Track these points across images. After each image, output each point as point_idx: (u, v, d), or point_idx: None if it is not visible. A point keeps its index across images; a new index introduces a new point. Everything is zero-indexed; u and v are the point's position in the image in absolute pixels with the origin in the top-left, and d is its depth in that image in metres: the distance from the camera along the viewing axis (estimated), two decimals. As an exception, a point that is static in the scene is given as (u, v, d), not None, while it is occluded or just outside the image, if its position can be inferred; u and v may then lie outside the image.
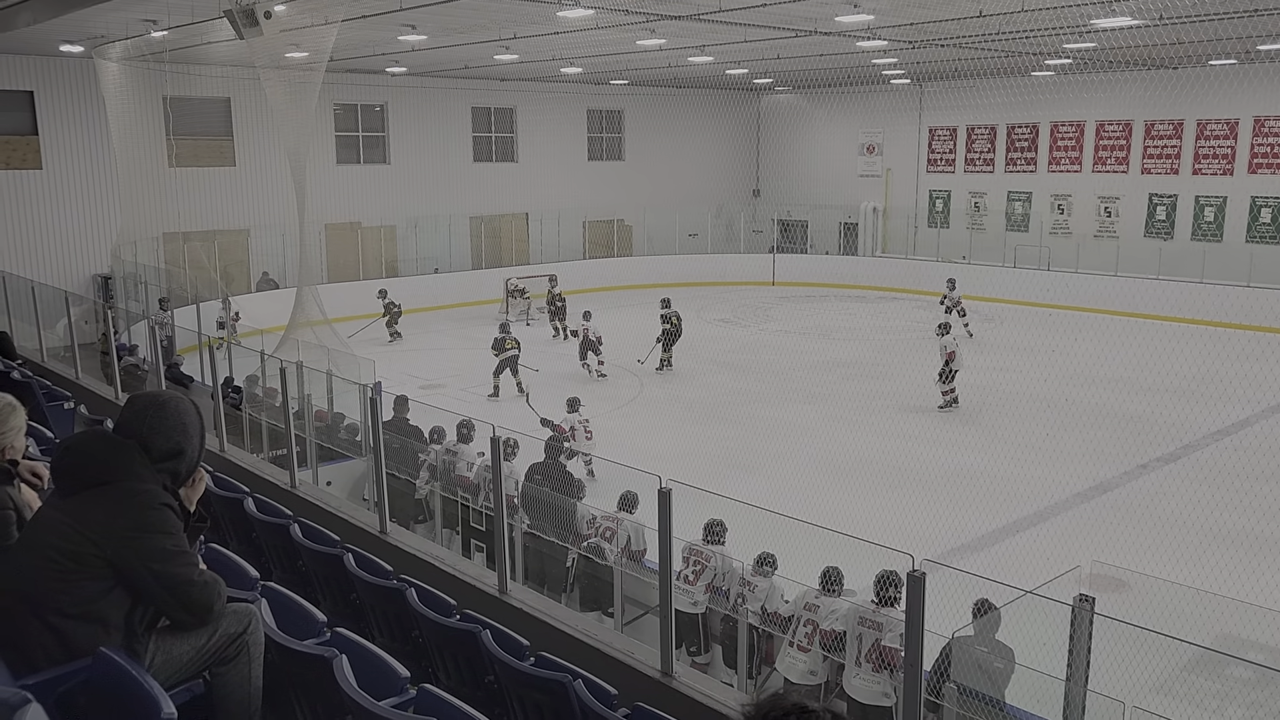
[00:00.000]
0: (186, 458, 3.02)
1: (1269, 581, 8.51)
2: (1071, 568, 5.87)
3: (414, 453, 9.66)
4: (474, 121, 27.53)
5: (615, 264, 28.14)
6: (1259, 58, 21.02)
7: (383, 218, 25.43)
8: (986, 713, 5.33)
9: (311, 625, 3.83)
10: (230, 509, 6.12)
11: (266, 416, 10.34)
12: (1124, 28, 15.40)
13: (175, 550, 2.90)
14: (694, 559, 7.39)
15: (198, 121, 22.65)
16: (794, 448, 13.21)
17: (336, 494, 8.97)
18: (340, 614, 5.24)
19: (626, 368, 18.57)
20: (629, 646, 5.41)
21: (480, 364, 19.25)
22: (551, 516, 8.30)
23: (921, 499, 10.74)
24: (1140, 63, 22.70)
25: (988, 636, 5.79)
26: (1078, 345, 16.89)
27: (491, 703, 4.44)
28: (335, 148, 24.93)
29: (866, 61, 22.39)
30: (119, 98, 17.02)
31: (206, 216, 22.21)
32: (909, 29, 16.51)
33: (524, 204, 28.23)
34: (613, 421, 14.99)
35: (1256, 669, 5.91)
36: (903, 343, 20.01)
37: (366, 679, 3.34)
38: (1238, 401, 15.18)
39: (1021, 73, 24.26)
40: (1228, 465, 12.48)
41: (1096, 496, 11.78)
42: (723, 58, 21.10)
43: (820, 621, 6.42)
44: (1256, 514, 10.77)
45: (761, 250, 30.28)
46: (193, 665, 3.04)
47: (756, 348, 19.66)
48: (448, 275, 25.54)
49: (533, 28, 16.39)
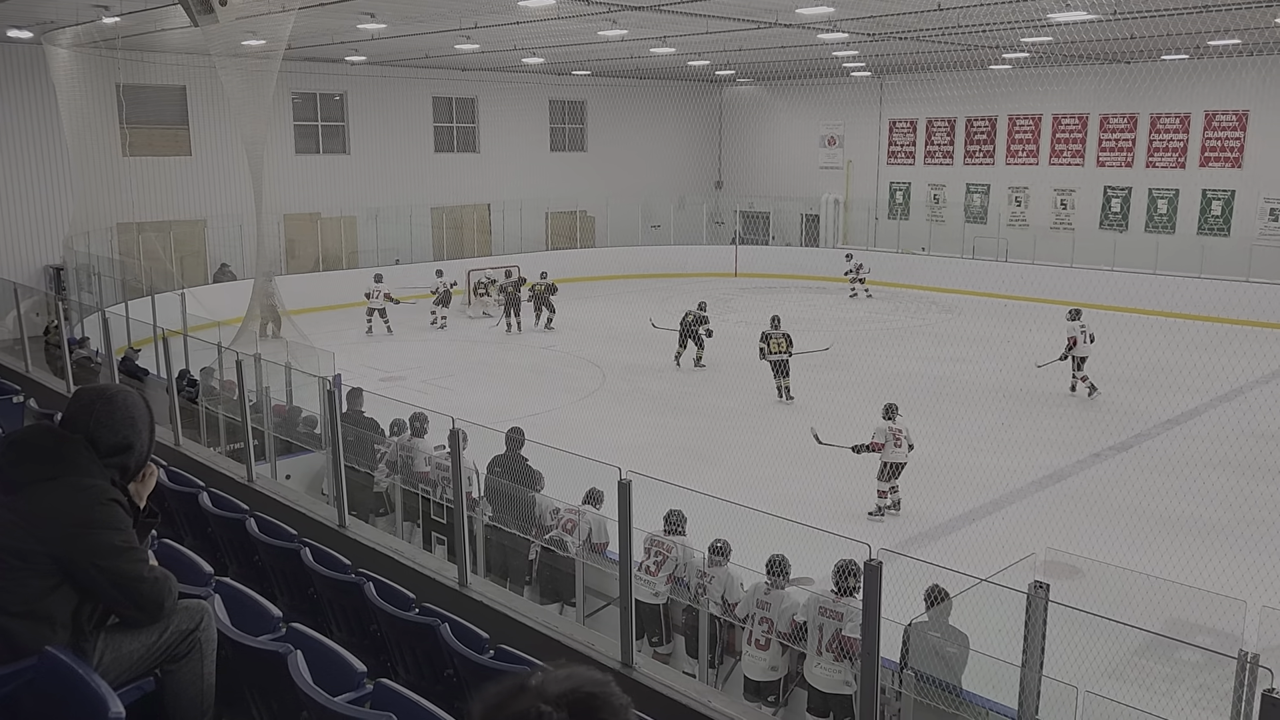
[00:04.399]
0: (135, 452, 2.97)
1: (1217, 566, 8.70)
2: (1026, 555, 5.98)
3: (371, 445, 9.58)
4: (435, 111, 27.32)
5: (578, 255, 28.09)
6: (1209, 53, 21.41)
7: (343, 208, 25.17)
8: (944, 699, 5.41)
9: (267, 621, 3.79)
10: (185, 503, 6.04)
11: (223, 410, 10.20)
12: (1079, 22, 15.62)
13: (124, 546, 2.85)
14: (655, 550, 7.40)
15: (152, 110, 22.27)
16: (755, 438, 13.27)
17: (295, 488, 8.87)
18: (297, 609, 5.19)
19: (589, 359, 18.55)
20: (590, 638, 5.42)
21: (441, 355, 19.16)
22: (513, 509, 8.28)
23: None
24: (1095, 57, 23.04)
25: (941, 622, 5.87)
26: (1033, 336, 17.10)
27: (451, 696, 4.42)
28: (294, 137, 24.62)
29: (827, 54, 22.52)
30: (70, 85, 16.66)
31: (162, 207, 21.82)
32: (869, 21, 16.62)
33: (486, 195, 28.07)
34: (575, 414, 14.98)
35: (1205, 653, 6.03)
36: (863, 334, 20.18)
37: (322, 674, 3.31)
38: (1188, 391, 15.49)
39: (980, 66, 24.51)
40: (1178, 453, 12.74)
41: (1051, 485, 11.97)
42: (685, 49, 21.10)
43: (774, 620, 6.47)
44: (1206, 501, 11.01)
45: (724, 242, 30.36)
46: (143, 663, 3.00)
47: (719, 339, 19.69)
48: (409, 266, 25.33)
49: (493, 17, 16.28)
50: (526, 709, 1.40)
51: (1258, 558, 9.17)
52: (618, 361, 18.28)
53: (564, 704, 1.41)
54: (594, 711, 1.42)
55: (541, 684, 1.44)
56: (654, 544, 7.39)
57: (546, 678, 1.45)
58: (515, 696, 1.43)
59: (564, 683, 1.44)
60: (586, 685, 1.44)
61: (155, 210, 21.68)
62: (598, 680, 1.46)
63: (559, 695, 1.42)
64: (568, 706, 1.41)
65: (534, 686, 1.43)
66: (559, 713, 1.39)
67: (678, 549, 7.35)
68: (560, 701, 1.41)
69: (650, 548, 7.38)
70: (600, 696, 1.44)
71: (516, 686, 1.44)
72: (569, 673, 1.46)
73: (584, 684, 1.45)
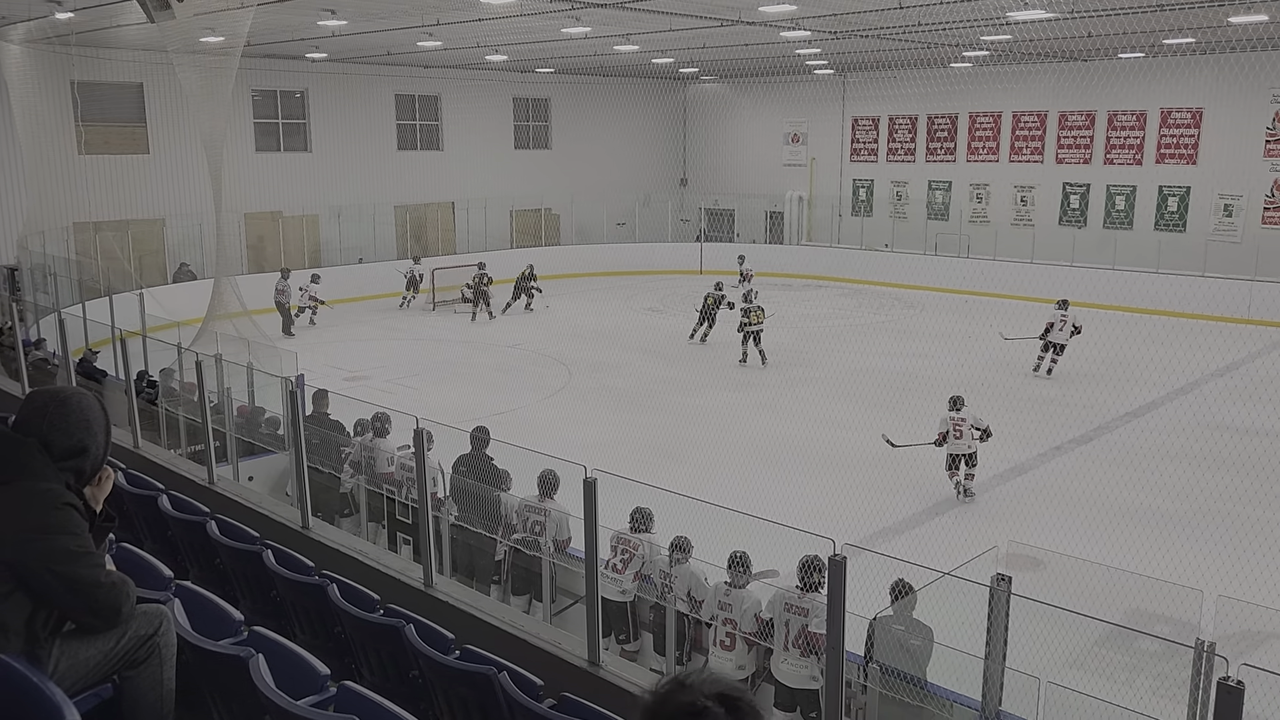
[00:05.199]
0: (90, 455, 2.91)
1: (1175, 557, 8.86)
2: (989, 548, 6.04)
3: (336, 446, 9.49)
4: (398, 109, 27.11)
5: (543, 253, 27.99)
6: (1165, 51, 21.79)
7: (305, 207, 24.90)
8: (908, 692, 5.46)
9: (228, 624, 3.75)
10: (144, 507, 5.95)
11: (184, 411, 10.06)
12: (1038, 20, 15.80)
13: (79, 551, 2.80)
14: (622, 548, 7.40)
15: (108, 107, 21.91)
16: (720, 435, 13.32)
17: (258, 490, 8.77)
18: (260, 612, 5.14)
19: (555, 357, 18.52)
20: (556, 637, 5.41)
21: (406, 354, 19.03)
22: (479, 508, 8.23)
23: (846, 483, 10.92)
24: (1054, 55, 23.35)
25: (905, 616, 5.92)
26: (994, 331, 17.31)
27: (416, 698, 4.40)
28: (254, 135, 24.32)
29: (790, 52, 22.63)
30: (23, 82, 16.36)
31: (119, 205, 21.47)
32: (831, 19, 16.72)
33: (450, 193, 27.90)
34: (540, 412, 14.94)
35: (1163, 642, 6.14)
36: (827, 330, 20.30)
37: (285, 678, 3.28)
38: (1147, 384, 15.75)
39: (941, 64, 24.75)
40: (1137, 446, 12.96)
41: (1014, 478, 12.12)
42: (648, 47, 21.10)
43: (738, 620, 6.49)
44: (1164, 493, 11.20)
45: (689, 239, 30.41)
46: (100, 669, 2.94)
47: (684, 336, 19.76)
48: (372, 265, 25.13)
49: (456, 14, 16.18)
50: (692, 702, 1.60)
51: (1214, 547, 9.36)
52: (584, 359, 18.26)
53: (721, 701, 1.61)
54: (743, 711, 1.62)
55: (699, 682, 1.63)
56: (621, 542, 7.38)
57: (700, 677, 1.65)
58: (677, 691, 1.62)
59: (716, 684, 1.64)
60: (735, 689, 1.64)
61: (112, 209, 21.33)
62: (740, 685, 1.68)
63: (716, 694, 1.61)
64: (724, 704, 1.60)
65: (692, 684, 1.63)
66: (718, 707, 1.60)
67: (645, 547, 7.35)
68: (718, 699, 1.61)
69: (617, 545, 7.38)
70: (746, 699, 1.64)
71: (675, 683, 1.64)
72: (715, 676, 1.67)
73: (732, 687, 1.65)
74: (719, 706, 1.59)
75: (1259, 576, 8.14)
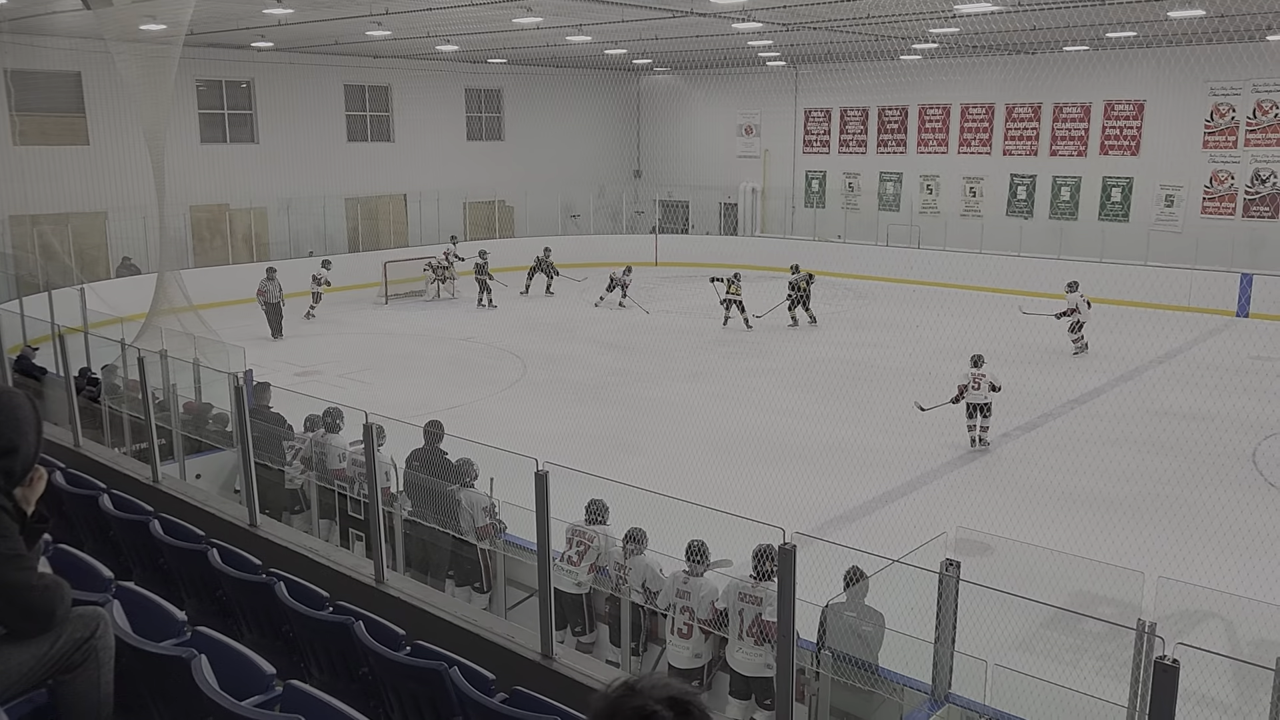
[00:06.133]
0: (20, 455, 2.83)
1: (1118, 540, 9.06)
2: (938, 534, 6.12)
3: (279, 440, 9.36)
4: (347, 99, 26.73)
5: (496, 245, 27.79)
6: (1108, 44, 22.20)
7: (252, 199, 24.46)
8: (860, 677, 5.52)
9: (171, 625, 3.67)
10: (84, 506, 5.81)
11: (128, 409, 9.85)
12: (985, 13, 16.00)
13: (9, 554, 2.72)
14: (577, 540, 7.38)
15: (45, 96, 21.35)
16: (676, 426, 13.35)
17: (206, 487, 8.62)
18: (205, 612, 5.05)
19: (509, 350, 18.42)
20: (509, 630, 5.38)
21: (357, 348, 18.81)
22: (433, 503, 8.16)
23: (799, 473, 11.01)
24: (1000, 48, 23.67)
25: (857, 603, 5.98)
26: (944, 320, 17.55)
27: (366, 695, 4.35)
28: (199, 126, 23.83)
29: (742, 43, 22.68)
30: (-46, 71, 15.88)
31: (59, 198, 20.95)
32: (782, 11, 16.78)
33: (402, 184, 27.60)
34: (495, 405, 14.86)
35: (1106, 624, 6.27)
36: (781, 321, 20.42)
37: (229, 678, 3.22)
38: (1091, 371, 16.09)
39: (891, 56, 24.96)
40: (1081, 432, 13.22)
41: (962, 465, 12.30)
42: (601, 37, 21.02)
43: (695, 608, 6.52)
44: (1107, 477, 11.44)
45: (643, 231, 30.39)
46: (34, 674, 2.87)
47: (639, 328, 19.78)
48: (322, 258, 24.76)
49: (405, 3, 15.98)
50: (641, 706, 1.60)
51: (1154, 530, 9.59)
52: (538, 352, 18.19)
53: (671, 705, 1.61)
54: (693, 715, 1.63)
55: (648, 686, 1.64)
56: (576, 534, 7.37)
57: (649, 681, 1.65)
58: (627, 696, 1.62)
59: (667, 688, 1.64)
60: (685, 693, 1.65)
61: (51, 202, 20.81)
62: (690, 690, 1.67)
63: (666, 698, 1.61)
64: (674, 708, 1.61)
65: (642, 688, 1.63)
66: (667, 711, 1.60)
67: (599, 539, 7.34)
68: (668, 703, 1.61)
69: (572, 538, 7.36)
70: (696, 703, 1.64)
71: (625, 688, 1.64)
72: (665, 681, 1.67)
73: (683, 691, 1.65)
74: (669, 711, 1.59)
75: (1198, 557, 8.36)
